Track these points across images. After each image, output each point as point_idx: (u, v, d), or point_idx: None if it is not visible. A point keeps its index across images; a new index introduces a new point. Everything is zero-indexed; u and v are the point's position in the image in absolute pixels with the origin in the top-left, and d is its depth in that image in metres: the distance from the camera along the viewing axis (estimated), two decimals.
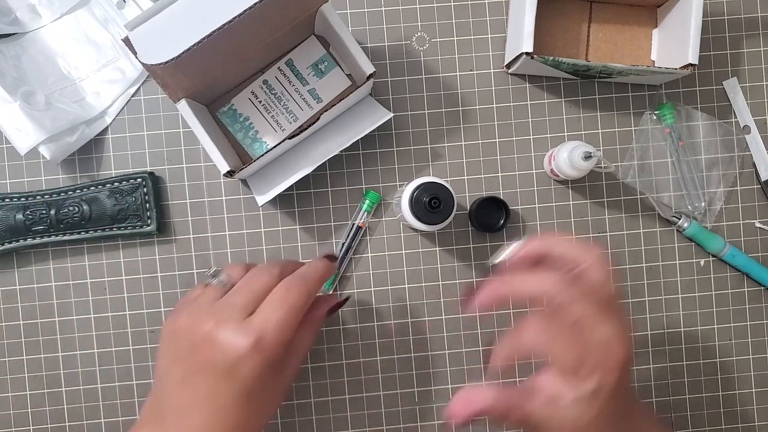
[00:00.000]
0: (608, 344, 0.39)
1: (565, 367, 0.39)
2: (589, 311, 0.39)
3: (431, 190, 0.48)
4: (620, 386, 0.40)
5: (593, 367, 0.39)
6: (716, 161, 0.59)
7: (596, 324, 0.39)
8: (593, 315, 0.39)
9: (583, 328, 0.39)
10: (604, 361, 0.39)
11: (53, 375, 0.57)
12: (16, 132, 0.52)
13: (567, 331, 0.39)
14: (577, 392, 0.39)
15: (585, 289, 0.40)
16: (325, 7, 0.49)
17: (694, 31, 0.52)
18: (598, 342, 0.39)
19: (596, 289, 0.40)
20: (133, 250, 0.57)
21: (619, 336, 0.39)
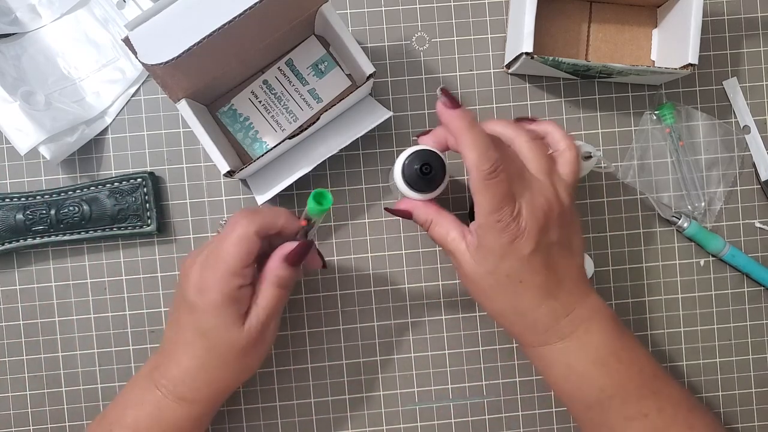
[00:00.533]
0: (518, 210, 0.42)
1: (488, 206, 0.43)
2: (535, 167, 0.45)
3: (423, 157, 0.48)
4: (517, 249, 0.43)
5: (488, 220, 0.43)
6: (716, 161, 0.59)
7: (532, 183, 0.44)
8: (537, 174, 0.44)
9: (521, 179, 0.43)
10: (503, 224, 0.42)
11: (53, 375, 0.57)
12: (16, 132, 0.52)
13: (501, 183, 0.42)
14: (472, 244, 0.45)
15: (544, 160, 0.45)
16: (325, 7, 0.50)
17: (694, 31, 0.52)
18: (516, 206, 0.43)
19: (519, 159, 0.45)
20: (133, 250, 0.57)
21: (529, 205, 0.43)
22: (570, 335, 0.45)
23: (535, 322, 0.45)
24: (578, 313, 0.45)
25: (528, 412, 0.58)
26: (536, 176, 0.44)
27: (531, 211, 0.43)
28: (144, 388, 0.48)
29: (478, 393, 0.58)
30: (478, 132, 0.42)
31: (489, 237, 0.43)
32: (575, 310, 0.45)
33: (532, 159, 0.45)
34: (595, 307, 0.46)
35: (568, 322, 0.45)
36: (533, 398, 0.58)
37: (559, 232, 0.44)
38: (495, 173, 0.41)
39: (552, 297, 0.44)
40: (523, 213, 0.42)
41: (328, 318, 0.57)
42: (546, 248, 0.44)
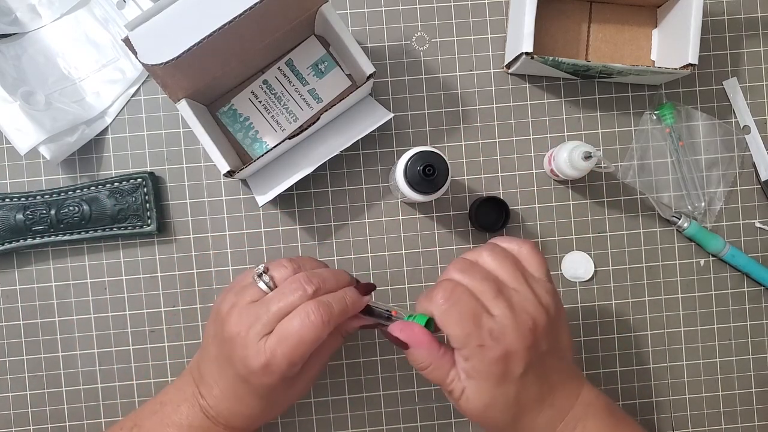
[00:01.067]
0: (498, 332, 0.40)
1: (455, 343, 0.41)
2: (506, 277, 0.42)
3: (425, 158, 0.48)
4: (509, 372, 0.41)
5: (473, 354, 0.41)
6: (716, 161, 0.59)
7: (491, 306, 0.41)
8: (483, 295, 0.41)
9: (479, 306, 0.41)
10: (487, 350, 0.40)
11: (53, 375, 0.57)
12: (16, 132, 0.52)
13: (464, 304, 0.41)
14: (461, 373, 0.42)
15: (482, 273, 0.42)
16: (325, 7, 0.49)
17: (694, 31, 0.52)
18: (489, 327, 0.40)
19: (491, 275, 0.43)
20: (133, 250, 0.57)
21: (513, 323, 0.41)
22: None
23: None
24: (573, 414, 0.44)
25: None
26: (512, 287, 0.42)
27: (515, 328, 0.41)
28: (190, 410, 0.47)
29: None
30: (427, 290, 0.43)
31: (476, 366, 0.41)
32: (570, 411, 0.44)
33: (499, 269, 0.43)
34: (588, 401, 0.44)
35: (564, 426, 0.43)
36: None
37: (549, 339, 0.42)
38: (449, 299, 0.41)
39: (548, 405, 0.43)
40: (507, 332, 0.40)
41: None
42: (537, 361, 0.42)
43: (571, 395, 0.44)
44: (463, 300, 0.41)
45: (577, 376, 0.46)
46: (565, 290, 0.58)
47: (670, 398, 0.58)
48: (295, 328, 0.42)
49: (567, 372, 0.45)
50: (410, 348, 0.43)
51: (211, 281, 0.57)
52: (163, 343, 0.57)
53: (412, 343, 0.43)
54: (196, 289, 0.57)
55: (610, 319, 0.58)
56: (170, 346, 0.57)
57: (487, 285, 0.42)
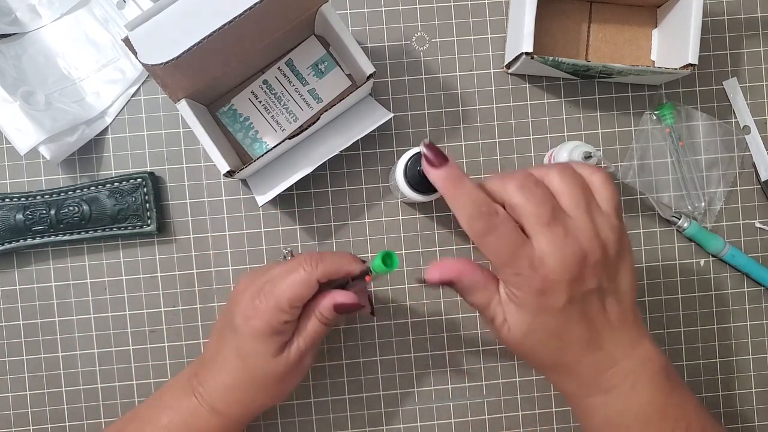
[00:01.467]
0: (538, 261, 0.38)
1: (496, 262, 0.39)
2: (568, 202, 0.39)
3: None
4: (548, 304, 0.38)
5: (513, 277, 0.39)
6: (716, 161, 0.59)
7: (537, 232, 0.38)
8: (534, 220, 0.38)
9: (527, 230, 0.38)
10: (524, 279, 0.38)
11: (53, 375, 0.57)
12: (16, 132, 0.52)
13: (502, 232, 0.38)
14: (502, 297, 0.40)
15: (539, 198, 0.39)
16: (325, 7, 0.49)
17: (694, 31, 0.52)
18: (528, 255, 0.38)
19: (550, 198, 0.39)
20: (133, 250, 0.57)
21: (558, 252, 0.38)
22: (613, 389, 0.41)
23: (579, 376, 0.41)
24: (624, 365, 0.41)
25: (528, 412, 0.58)
26: (571, 214, 0.39)
27: (560, 259, 0.38)
28: (182, 393, 0.48)
29: (478, 393, 0.58)
30: (466, 191, 0.39)
31: (516, 292, 0.39)
32: (621, 361, 0.41)
33: (564, 192, 0.39)
34: (645, 357, 0.41)
35: (612, 374, 0.41)
36: (533, 398, 0.58)
37: (601, 277, 0.39)
38: (488, 230, 0.38)
39: (595, 348, 0.40)
40: (549, 263, 0.37)
41: None
42: (584, 298, 0.39)
43: (625, 343, 0.41)
44: (502, 227, 0.38)
45: (636, 325, 0.42)
46: None
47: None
48: (283, 271, 0.44)
49: (623, 318, 0.41)
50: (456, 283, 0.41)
51: (211, 281, 0.57)
52: (163, 343, 0.57)
53: (456, 278, 0.41)
54: (196, 289, 0.57)
55: None
56: (170, 346, 0.57)
57: (543, 209, 0.38)
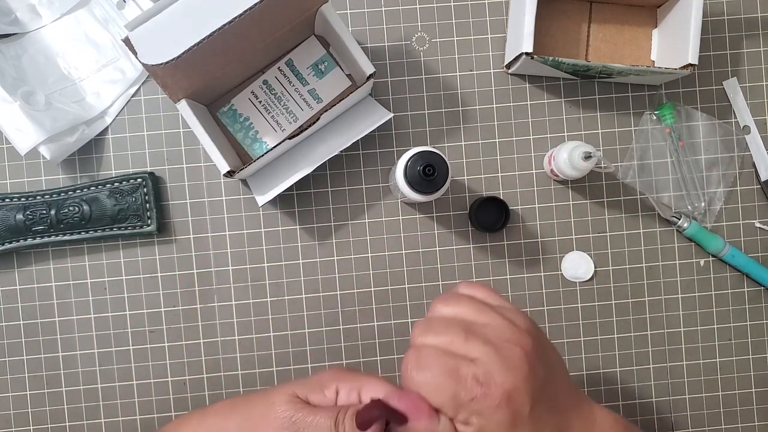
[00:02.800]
0: (484, 376, 0.34)
1: (448, 411, 0.35)
2: (454, 339, 0.35)
3: (425, 158, 0.48)
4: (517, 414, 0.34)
5: (470, 411, 0.34)
6: (716, 161, 0.58)
7: (466, 352, 0.35)
8: (461, 342, 0.35)
9: (456, 358, 0.35)
10: (481, 400, 0.34)
11: (53, 375, 0.57)
12: (16, 132, 0.52)
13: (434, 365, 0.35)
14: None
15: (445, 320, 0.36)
16: (325, 7, 0.49)
17: (694, 31, 0.52)
18: (472, 375, 0.34)
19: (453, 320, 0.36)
20: (133, 250, 0.57)
21: (498, 358, 0.34)
22: None
23: None
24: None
25: None
26: (479, 321, 0.37)
27: (501, 364, 0.35)
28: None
29: None
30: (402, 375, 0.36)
31: (481, 423, 0.35)
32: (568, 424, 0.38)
33: (458, 310, 0.37)
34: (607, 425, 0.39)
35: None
36: None
37: (543, 363, 0.37)
38: (417, 365, 0.35)
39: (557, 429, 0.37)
40: (494, 372, 0.34)
41: (328, 318, 0.57)
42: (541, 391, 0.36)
43: (587, 420, 0.39)
44: (432, 360, 0.35)
45: (583, 397, 0.40)
46: (565, 290, 0.58)
47: (670, 398, 0.58)
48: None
49: (573, 394, 0.39)
50: (410, 421, 0.35)
51: (211, 281, 0.57)
52: (163, 343, 0.57)
53: (412, 415, 0.35)
54: (196, 289, 0.57)
55: (610, 319, 0.58)
56: (170, 346, 0.57)
57: (452, 331, 0.36)
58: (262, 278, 0.57)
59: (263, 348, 0.57)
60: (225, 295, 0.57)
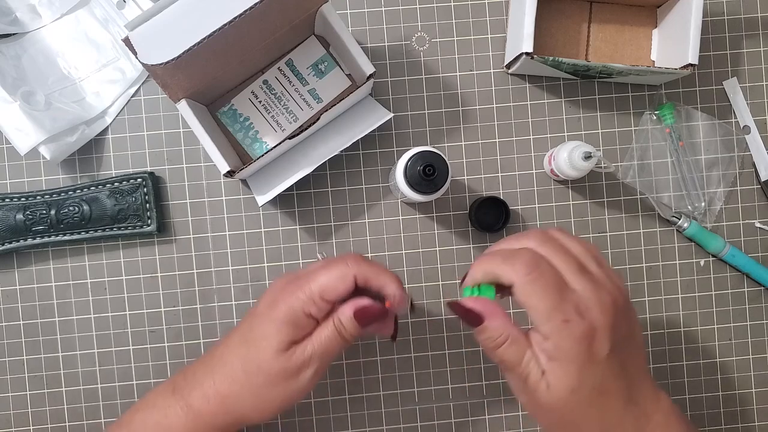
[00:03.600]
0: (585, 306, 0.37)
1: (538, 317, 0.38)
2: (570, 266, 0.39)
3: (426, 158, 0.48)
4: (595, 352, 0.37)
5: (555, 330, 0.37)
6: (716, 161, 0.59)
7: (573, 281, 0.38)
8: (566, 270, 0.39)
9: (562, 280, 0.38)
10: (573, 326, 0.37)
11: (53, 375, 0.57)
12: (16, 132, 0.52)
13: (549, 276, 0.38)
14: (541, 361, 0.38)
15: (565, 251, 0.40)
16: (325, 7, 0.49)
17: (694, 31, 0.52)
18: (575, 301, 0.37)
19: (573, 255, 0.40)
20: (133, 250, 0.57)
21: (597, 298, 0.38)
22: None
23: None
24: (656, 419, 0.40)
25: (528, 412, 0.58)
26: (594, 269, 0.40)
27: (599, 304, 0.38)
28: (162, 391, 0.45)
29: (478, 393, 0.58)
30: (501, 254, 0.40)
31: (561, 344, 0.37)
32: (653, 416, 0.40)
33: (584, 254, 0.40)
34: (668, 409, 0.41)
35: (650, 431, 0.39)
36: None
37: (626, 324, 0.39)
38: (535, 269, 0.38)
39: (633, 403, 0.39)
40: (591, 307, 0.37)
41: None
42: (621, 347, 0.38)
43: (652, 396, 0.40)
44: (549, 272, 0.38)
45: (651, 376, 0.42)
46: None
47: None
48: (324, 264, 0.43)
49: (644, 368, 0.41)
50: (485, 321, 0.39)
51: (211, 281, 0.57)
52: (163, 344, 0.57)
53: (487, 314, 0.39)
54: (196, 289, 0.57)
55: None
56: (170, 346, 0.57)
57: (571, 260, 0.39)
58: (262, 278, 0.57)
59: None
60: (225, 295, 0.57)
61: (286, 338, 0.41)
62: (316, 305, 0.41)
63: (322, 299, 0.41)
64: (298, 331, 0.42)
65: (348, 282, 0.42)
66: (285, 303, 0.42)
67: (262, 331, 0.42)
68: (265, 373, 0.42)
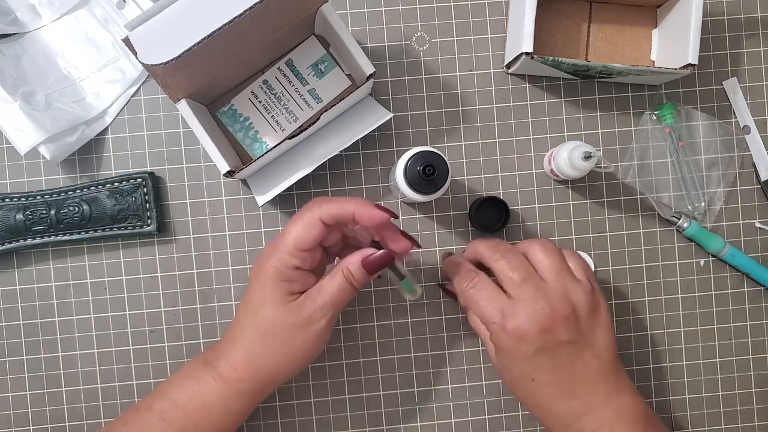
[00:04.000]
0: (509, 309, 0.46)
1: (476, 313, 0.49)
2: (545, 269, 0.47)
3: (426, 158, 0.48)
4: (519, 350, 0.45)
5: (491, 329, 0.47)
6: (716, 161, 0.59)
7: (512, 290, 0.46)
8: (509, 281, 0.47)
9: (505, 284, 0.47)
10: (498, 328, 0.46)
11: (53, 375, 0.57)
12: (16, 132, 0.52)
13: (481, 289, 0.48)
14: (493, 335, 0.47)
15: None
16: (325, 7, 0.49)
17: (694, 31, 0.52)
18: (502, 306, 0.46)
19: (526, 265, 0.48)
20: (133, 250, 0.57)
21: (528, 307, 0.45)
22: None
23: (556, 418, 0.46)
24: (601, 414, 0.45)
25: (528, 412, 0.58)
26: (546, 279, 0.46)
27: (529, 313, 0.45)
28: (195, 365, 0.48)
29: (478, 393, 0.58)
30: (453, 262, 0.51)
31: (495, 338, 0.47)
32: (597, 410, 0.45)
33: (543, 261, 0.47)
34: (621, 408, 0.46)
35: (589, 420, 0.45)
36: None
37: (572, 332, 0.45)
38: (468, 285, 0.48)
39: (569, 396, 0.45)
40: (519, 316, 0.45)
41: None
42: (555, 348, 0.45)
43: (601, 395, 0.46)
44: (480, 285, 0.47)
45: (616, 377, 0.47)
46: None
47: (670, 398, 0.58)
48: (292, 218, 0.45)
49: (600, 371, 0.46)
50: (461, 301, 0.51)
51: (211, 281, 0.57)
52: (163, 343, 0.57)
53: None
54: (196, 289, 0.57)
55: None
56: (170, 346, 0.57)
57: (517, 273, 0.46)
58: None
59: None
60: (225, 295, 0.57)
61: (284, 293, 0.44)
62: (298, 257, 0.44)
63: (299, 250, 0.44)
64: (293, 284, 0.45)
65: (316, 227, 0.44)
66: (268, 264, 0.44)
67: (260, 296, 0.45)
68: (280, 328, 0.45)
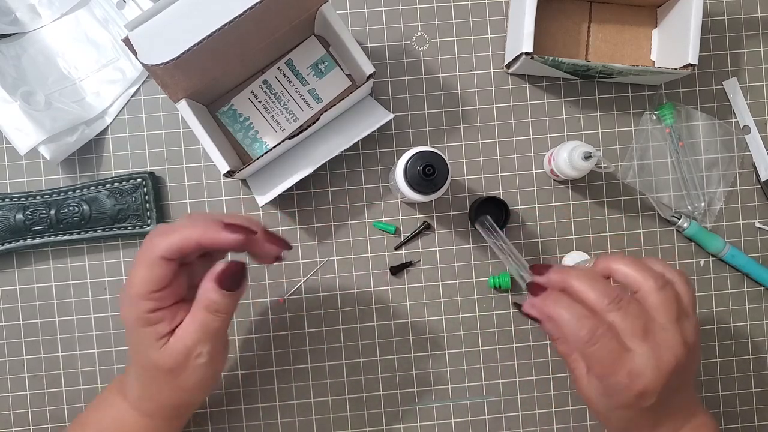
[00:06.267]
0: (637, 370, 0.40)
1: (600, 372, 0.42)
2: (663, 316, 0.42)
3: (425, 158, 0.48)
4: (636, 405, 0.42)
5: (613, 389, 0.42)
6: (716, 161, 0.59)
7: (635, 346, 0.41)
8: (630, 334, 0.41)
9: (621, 341, 0.41)
10: (623, 390, 0.41)
11: (53, 375, 0.57)
12: (16, 132, 0.52)
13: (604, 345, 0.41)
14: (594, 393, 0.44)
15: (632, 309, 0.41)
16: (325, 7, 0.49)
17: (694, 31, 0.52)
18: (629, 367, 0.41)
19: (644, 312, 0.42)
20: (133, 250, 0.57)
21: (654, 364, 0.40)
22: None
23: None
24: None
25: (528, 412, 0.58)
26: (664, 326, 0.42)
27: (655, 372, 0.41)
28: (113, 390, 0.48)
29: (478, 393, 0.58)
30: (568, 304, 0.42)
31: (616, 395, 0.42)
32: (681, 429, 0.45)
33: (660, 308, 0.42)
34: (700, 423, 0.46)
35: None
36: (533, 398, 0.58)
37: (682, 376, 0.43)
38: (592, 340, 0.40)
39: (660, 425, 0.45)
40: (646, 375, 0.40)
41: (328, 318, 0.57)
42: (666, 395, 0.42)
43: (684, 417, 0.45)
44: (604, 342, 0.41)
45: (694, 399, 0.47)
46: None
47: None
48: (135, 260, 0.41)
49: (686, 397, 0.46)
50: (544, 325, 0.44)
51: None
52: None
53: (545, 320, 0.44)
54: None
55: None
56: None
57: (637, 324, 0.41)
58: (261, 278, 0.57)
59: (263, 348, 0.57)
60: None
61: (152, 339, 0.42)
62: (152, 299, 0.41)
63: (150, 292, 0.41)
64: (159, 326, 0.42)
65: (160, 266, 0.40)
66: (127, 314, 0.42)
67: (135, 342, 0.43)
68: (161, 371, 0.43)
